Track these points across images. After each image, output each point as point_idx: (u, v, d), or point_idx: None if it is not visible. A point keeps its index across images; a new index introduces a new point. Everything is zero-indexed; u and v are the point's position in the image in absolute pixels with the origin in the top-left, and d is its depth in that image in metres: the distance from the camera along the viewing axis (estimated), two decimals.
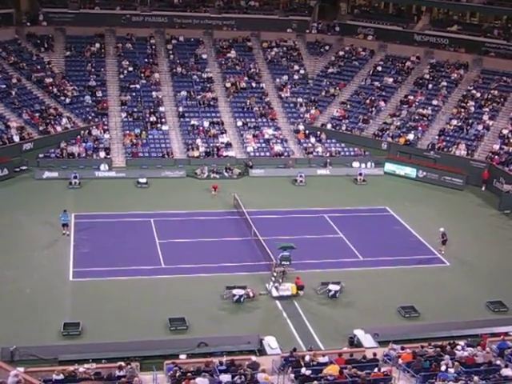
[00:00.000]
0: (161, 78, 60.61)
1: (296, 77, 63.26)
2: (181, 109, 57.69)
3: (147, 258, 36.26)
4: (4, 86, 54.57)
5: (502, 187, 47.66)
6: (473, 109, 56.30)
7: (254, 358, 25.17)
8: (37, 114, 53.68)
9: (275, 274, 33.60)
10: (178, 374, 23.01)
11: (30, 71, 57.66)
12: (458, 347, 25.92)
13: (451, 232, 39.11)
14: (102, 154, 51.63)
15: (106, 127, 54.92)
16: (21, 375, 21.69)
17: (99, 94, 58.00)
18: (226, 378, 22.87)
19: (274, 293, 33.00)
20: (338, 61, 64.88)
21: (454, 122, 55.56)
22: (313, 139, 56.49)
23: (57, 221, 38.94)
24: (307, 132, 57.41)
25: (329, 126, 58.03)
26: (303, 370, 23.66)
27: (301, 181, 49.84)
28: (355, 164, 53.49)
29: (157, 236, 39.19)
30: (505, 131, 53.16)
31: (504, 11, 61.94)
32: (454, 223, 42.19)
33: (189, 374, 22.80)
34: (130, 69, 60.77)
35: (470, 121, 55.17)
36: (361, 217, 43.99)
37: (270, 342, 27.72)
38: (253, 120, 57.92)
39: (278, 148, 54.78)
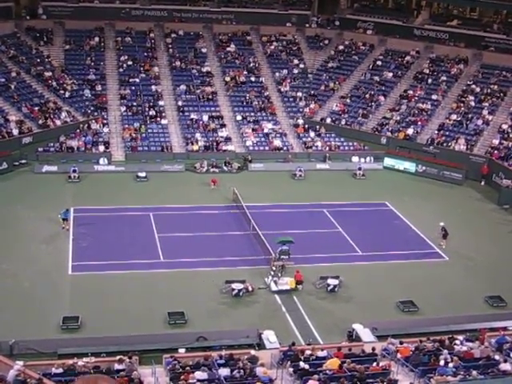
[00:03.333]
0: (160, 71, 60.51)
1: (295, 71, 63.17)
2: (180, 103, 57.63)
3: (146, 252, 36.28)
4: (3, 80, 54.46)
5: (501, 182, 47.68)
6: (472, 103, 56.24)
7: (252, 352, 25.22)
8: (36, 108, 53.60)
9: (274, 268, 33.64)
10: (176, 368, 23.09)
11: (30, 65, 57.55)
12: (457, 342, 25.97)
13: (450, 227, 39.11)
14: (102, 148, 51.61)
15: (105, 121, 54.86)
16: (21, 369, 21.74)
17: (98, 87, 57.92)
18: (224, 371, 22.91)
19: (273, 287, 33.03)
20: (337, 55, 64.79)
21: (454, 116, 55.53)
22: (312, 133, 56.46)
23: (56, 215, 38.96)
24: (306, 126, 57.35)
25: (328, 121, 57.99)
26: (302, 364, 23.72)
27: (300, 175, 49.84)
28: (354, 158, 53.47)
29: (156, 230, 39.19)
30: (504, 126, 53.14)
31: (504, 6, 61.81)
32: (453, 218, 42.19)
33: (188, 368, 22.85)
34: (130, 63, 60.67)
35: (470, 115, 55.12)
36: (360, 211, 44.00)
37: (269, 336, 27.76)
38: (252, 114, 57.87)
39: (277, 142, 54.75)
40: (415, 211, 43.96)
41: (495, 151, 50.85)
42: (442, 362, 23.64)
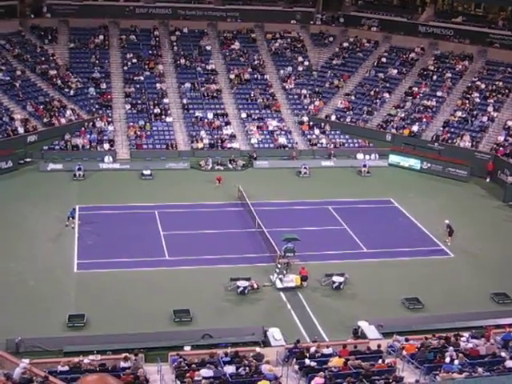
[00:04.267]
0: (165, 69, 60.52)
1: (300, 68, 63.12)
2: (185, 100, 57.65)
3: (151, 250, 36.33)
4: (8, 78, 54.51)
5: (506, 179, 47.51)
6: (477, 100, 56.11)
7: (258, 349, 25.25)
8: (41, 106, 53.63)
9: (279, 266, 33.67)
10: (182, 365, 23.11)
11: (34, 63, 57.59)
12: (463, 339, 25.94)
13: (455, 224, 39.10)
14: (106, 146, 51.68)
15: (110, 119, 54.92)
16: (27, 367, 21.80)
17: (103, 85, 57.94)
18: (230, 369, 22.94)
19: (278, 284, 33.04)
20: (342, 52, 64.70)
21: (459, 113, 55.43)
22: (317, 131, 56.45)
23: (61, 213, 39.08)
24: (311, 123, 57.34)
25: (333, 118, 57.94)
26: (307, 361, 23.73)
27: (305, 172, 49.81)
28: (359, 156, 53.43)
29: (161, 228, 39.24)
30: (509, 123, 52.99)
31: (509, 2, 61.62)
32: (459, 215, 42.13)
33: (193, 366, 22.87)
34: (134, 60, 60.69)
35: (475, 112, 55.01)
36: (365, 208, 43.99)
37: (275, 334, 27.76)
38: (257, 112, 57.87)
39: (282, 140, 54.74)
40: (420, 208, 43.90)
41: (500, 148, 50.74)
42: (447, 359, 23.62)
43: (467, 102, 56.27)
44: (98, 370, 22.61)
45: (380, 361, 23.97)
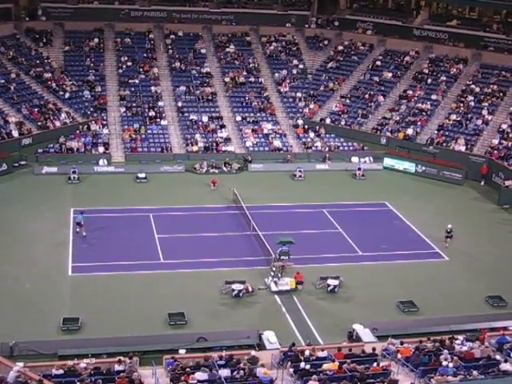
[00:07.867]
0: (160, 72, 60.49)
1: (295, 71, 63.17)
2: (180, 104, 57.64)
3: (146, 253, 36.27)
4: (3, 81, 54.41)
5: (503, 183, 47.47)
6: (472, 103, 56.21)
7: (253, 352, 25.19)
8: (36, 109, 53.57)
9: (274, 269, 33.64)
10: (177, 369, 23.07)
11: (29, 66, 57.53)
12: (457, 342, 25.95)
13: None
14: (101, 149, 51.61)
15: (104, 122, 54.87)
16: (21, 370, 21.73)
17: (98, 88, 57.90)
18: (225, 372, 22.89)
19: (273, 287, 33.03)
20: (337, 55, 64.78)
21: (453, 116, 55.51)
22: (312, 134, 56.47)
23: (56, 216, 39.11)
24: (306, 127, 57.36)
25: (328, 121, 57.98)
26: (302, 364, 23.70)
27: (300, 176, 49.83)
28: (354, 159, 53.48)
29: (156, 231, 39.19)
30: (504, 126, 53.11)
31: (503, 6, 61.66)
32: (453, 218, 42.10)
33: (188, 369, 22.83)
34: (129, 64, 60.68)
35: (469, 115, 55.11)
36: (360, 212, 44.00)
37: (269, 337, 27.74)
38: (252, 115, 57.88)
39: (276, 143, 54.75)
40: (415, 211, 43.94)
41: (495, 151, 50.82)
42: (442, 362, 23.61)
43: (462, 105, 56.37)
44: (93, 373, 22.55)
45: (375, 364, 23.96)
